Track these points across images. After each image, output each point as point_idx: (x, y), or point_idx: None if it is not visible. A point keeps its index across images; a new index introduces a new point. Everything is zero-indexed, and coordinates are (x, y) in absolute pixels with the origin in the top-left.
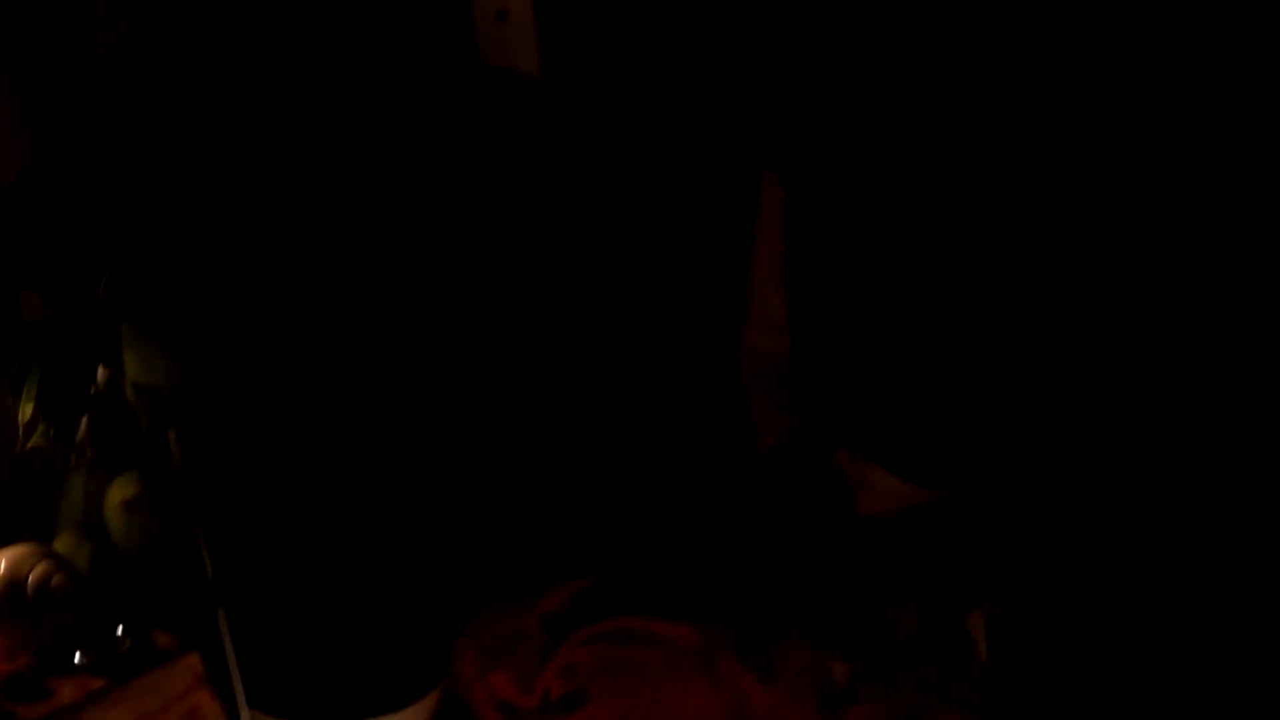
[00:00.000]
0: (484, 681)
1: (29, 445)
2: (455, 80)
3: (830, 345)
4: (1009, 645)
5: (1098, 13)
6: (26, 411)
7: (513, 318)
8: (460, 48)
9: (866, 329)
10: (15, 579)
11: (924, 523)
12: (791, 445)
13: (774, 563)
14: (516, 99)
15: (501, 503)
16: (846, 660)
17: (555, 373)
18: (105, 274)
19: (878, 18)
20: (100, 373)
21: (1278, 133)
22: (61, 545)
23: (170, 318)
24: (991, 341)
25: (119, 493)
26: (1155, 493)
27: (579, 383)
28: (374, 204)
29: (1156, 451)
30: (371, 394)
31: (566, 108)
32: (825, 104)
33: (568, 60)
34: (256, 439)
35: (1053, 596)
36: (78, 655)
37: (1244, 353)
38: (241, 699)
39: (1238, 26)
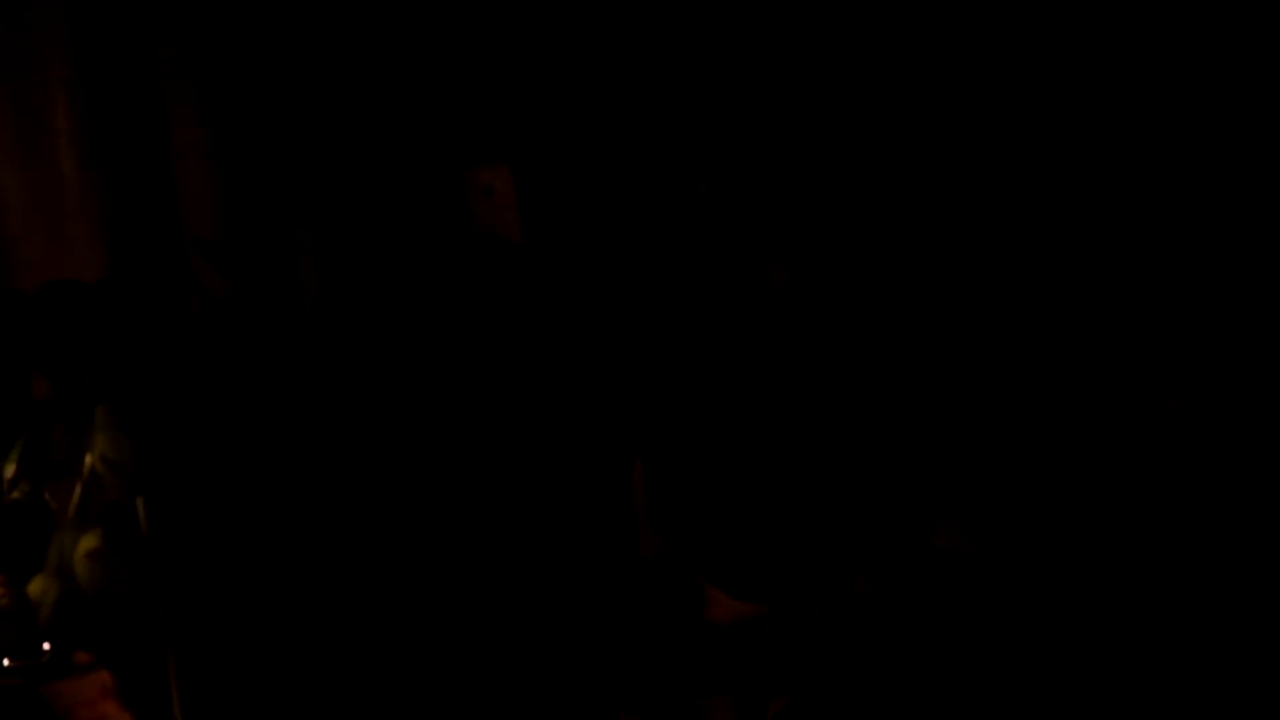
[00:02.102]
0: None
1: (9, 497)
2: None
3: (674, 499)
4: None
5: None
6: (9, 471)
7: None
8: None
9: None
10: None
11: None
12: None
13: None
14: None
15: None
16: None
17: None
18: (88, 369)
19: None
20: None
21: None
22: (35, 586)
23: (135, 407)
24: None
25: (86, 544)
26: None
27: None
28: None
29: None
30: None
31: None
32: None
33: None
34: (206, 506)
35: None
36: (5, 661)
37: None
38: None
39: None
